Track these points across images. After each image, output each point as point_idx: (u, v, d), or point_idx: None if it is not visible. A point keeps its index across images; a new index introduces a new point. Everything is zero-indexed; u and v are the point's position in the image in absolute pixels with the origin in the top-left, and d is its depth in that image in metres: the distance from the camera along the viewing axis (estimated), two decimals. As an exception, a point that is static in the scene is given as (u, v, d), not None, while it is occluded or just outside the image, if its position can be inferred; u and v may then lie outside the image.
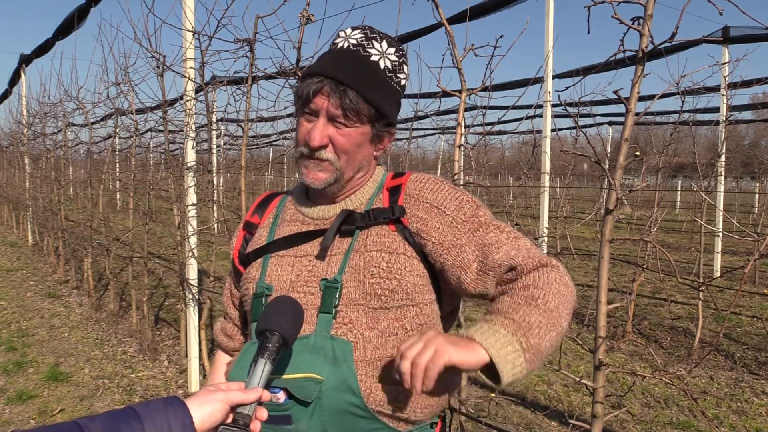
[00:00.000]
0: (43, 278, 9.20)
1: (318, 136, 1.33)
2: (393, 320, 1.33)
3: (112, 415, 0.91)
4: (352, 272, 1.33)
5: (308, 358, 1.26)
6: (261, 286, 1.41)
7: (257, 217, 1.59)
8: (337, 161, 1.36)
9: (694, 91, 5.36)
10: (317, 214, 1.45)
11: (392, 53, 1.40)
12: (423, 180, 1.43)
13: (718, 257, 8.38)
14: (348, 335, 1.30)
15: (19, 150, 12.86)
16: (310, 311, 1.33)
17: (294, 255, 1.42)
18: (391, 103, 1.40)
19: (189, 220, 4.54)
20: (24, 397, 4.59)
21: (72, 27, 7.97)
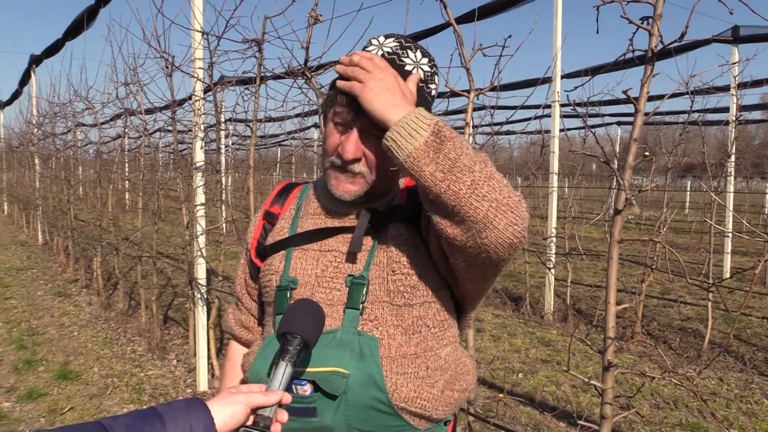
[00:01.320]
0: (53, 277, 9.26)
1: (352, 149, 1.30)
2: (417, 318, 1.34)
3: (135, 416, 0.92)
4: (377, 269, 1.34)
5: (335, 353, 1.27)
6: (285, 279, 1.41)
7: (277, 206, 1.57)
8: (369, 175, 1.34)
9: (704, 91, 5.34)
10: (342, 209, 1.43)
11: (426, 63, 1.37)
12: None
13: (727, 258, 8.33)
14: (374, 332, 1.31)
15: (29, 150, 12.94)
16: (335, 306, 1.34)
17: (318, 249, 1.41)
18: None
19: (198, 220, 4.56)
20: (34, 396, 4.62)
21: (81, 27, 8.02)
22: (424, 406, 1.30)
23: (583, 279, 9.37)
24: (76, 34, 8.55)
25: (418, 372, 1.32)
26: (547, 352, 5.81)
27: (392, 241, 1.36)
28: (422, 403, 1.30)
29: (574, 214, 9.68)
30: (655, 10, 1.65)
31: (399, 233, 1.36)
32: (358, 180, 1.34)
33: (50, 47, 9.95)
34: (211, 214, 4.98)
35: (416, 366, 1.32)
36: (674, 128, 9.56)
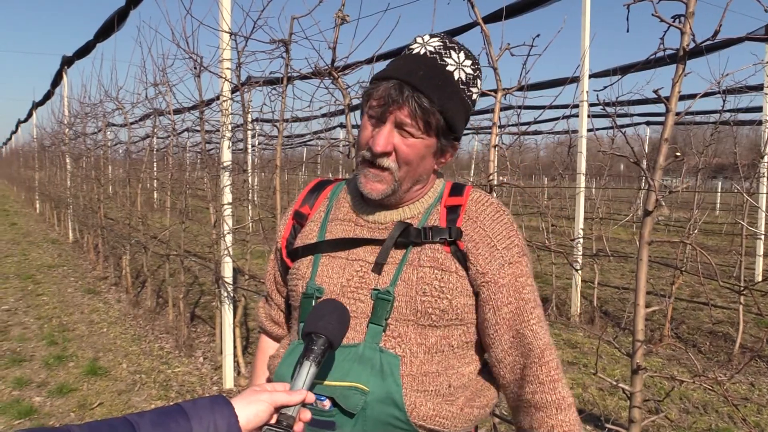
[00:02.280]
0: (83, 275, 9.41)
1: (383, 142, 1.29)
2: (441, 338, 1.32)
3: (160, 412, 0.93)
4: (404, 286, 1.31)
5: (356, 368, 1.26)
6: (312, 286, 1.39)
7: (307, 207, 1.55)
8: (397, 171, 1.32)
9: (736, 90, 5.24)
10: (372, 218, 1.42)
11: (468, 65, 1.35)
12: (485, 202, 1.40)
13: (760, 260, 8.16)
14: (396, 349, 1.29)
15: (61, 149, 13.17)
16: (359, 319, 1.32)
17: (346, 258, 1.39)
18: (461, 118, 1.35)
19: (224, 219, 4.60)
20: (64, 391, 4.71)
21: (112, 29, 8.14)
22: (442, 424, 1.29)
23: (610, 281, 9.26)
24: (107, 35, 8.68)
25: (439, 390, 1.31)
26: (574, 355, 5.75)
27: (427, 262, 1.32)
28: (441, 421, 1.29)
29: (602, 215, 9.56)
30: (687, 8, 1.62)
31: (435, 255, 1.33)
32: (385, 177, 1.33)
33: (81, 48, 10.11)
34: (237, 213, 5.01)
35: (437, 384, 1.31)
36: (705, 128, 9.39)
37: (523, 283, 1.34)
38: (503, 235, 1.36)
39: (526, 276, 1.35)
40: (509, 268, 1.33)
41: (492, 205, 1.39)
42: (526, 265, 1.37)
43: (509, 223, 1.38)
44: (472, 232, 1.35)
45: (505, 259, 1.34)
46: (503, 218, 1.38)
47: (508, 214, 1.40)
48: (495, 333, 1.34)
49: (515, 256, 1.35)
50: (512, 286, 1.33)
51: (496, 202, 1.41)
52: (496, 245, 1.34)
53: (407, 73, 1.29)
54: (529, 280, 1.36)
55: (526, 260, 1.37)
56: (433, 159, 1.37)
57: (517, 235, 1.39)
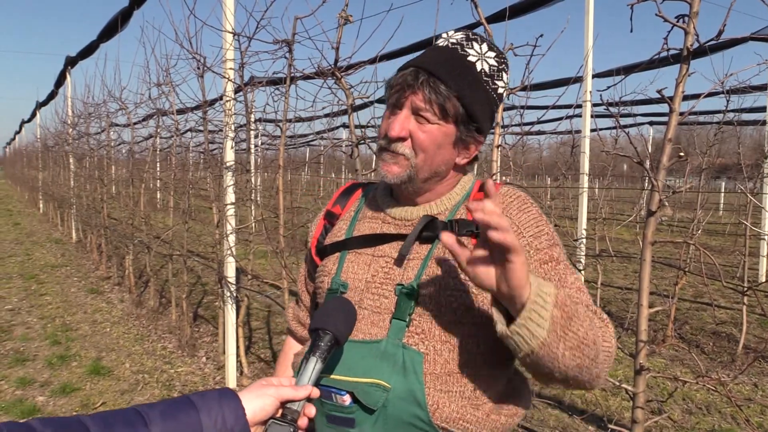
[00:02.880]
0: (86, 274, 9.43)
1: (397, 127, 1.27)
2: (467, 336, 1.27)
3: (169, 404, 0.95)
4: (429, 281, 1.28)
5: (378, 364, 1.24)
6: (336, 282, 1.38)
7: (339, 207, 1.54)
8: (414, 158, 1.29)
9: (740, 90, 5.23)
10: (399, 214, 1.39)
11: (492, 57, 1.31)
12: (512, 195, 1.36)
13: (763, 261, 8.13)
14: (419, 346, 1.25)
15: (64, 149, 13.20)
16: (382, 315, 1.30)
17: (371, 254, 1.37)
18: (483, 108, 1.31)
19: (227, 219, 4.60)
20: (67, 390, 4.72)
21: (115, 29, 8.14)
22: (466, 428, 1.24)
23: (614, 281, 9.24)
24: (111, 35, 8.68)
25: (463, 392, 1.26)
26: (577, 355, 5.74)
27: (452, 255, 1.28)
28: (465, 425, 1.24)
29: (605, 215, 9.55)
30: (691, 8, 1.62)
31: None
32: (401, 161, 1.30)
33: (85, 49, 10.12)
34: (240, 213, 5.02)
35: (462, 385, 1.26)
36: (708, 128, 9.38)
37: (551, 267, 1.27)
38: (530, 224, 1.31)
39: (556, 262, 1.28)
40: (536, 254, 1.28)
41: (519, 198, 1.35)
42: (558, 254, 1.30)
43: (537, 214, 1.33)
44: None
45: (532, 246, 1.28)
46: (531, 209, 1.34)
47: (536, 207, 1.35)
48: None
49: (543, 243, 1.29)
50: (538, 273, 1.26)
51: (524, 195, 1.37)
52: (523, 233, 1.29)
53: (425, 61, 1.28)
54: (560, 267, 1.28)
55: (558, 250, 1.30)
56: (454, 150, 1.32)
57: (547, 225, 1.33)
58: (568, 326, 1.09)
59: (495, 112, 1.37)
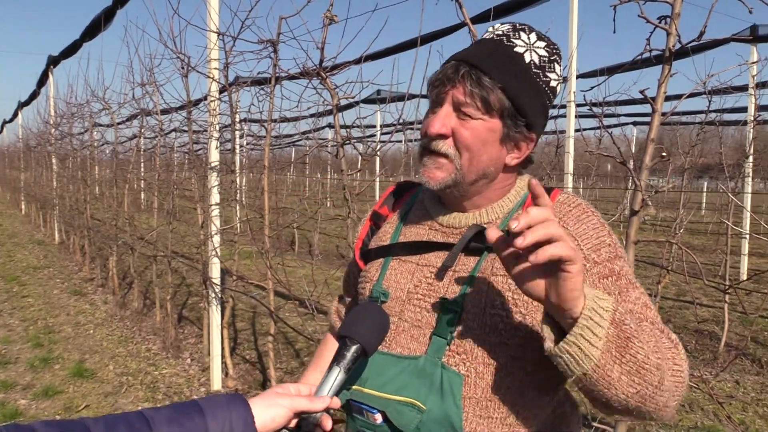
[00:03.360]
0: (69, 276, 9.34)
1: (437, 124, 1.17)
2: (512, 358, 1.15)
3: (176, 408, 0.92)
4: (474, 296, 1.17)
5: (414, 382, 1.15)
6: (377, 290, 1.29)
7: (386, 208, 1.44)
8: (458, 158, 1.18)
9: (722, 91, 5.28)
10: (447, 220, 1.29)
11: (542, 47, 1.20)
12: (571, 203, 1.23)
13: (744, 259, 8.24)
14: (460, 367, 1.15)
15: (47, 150, 13.07)
16: (423, 329, 1.21)
17: (416, 263, 1.28)
18: (533, 102, 1.19)
19: (212, 220, 4.58)
20: (50, 393, 4.67)
21: (99, 28, 8.08)
22: None
23: (598, 280, 9.30)
24: (94, 35, 8.62)
25: (505, 419, 1.15)
26: (562, 354, 5.77)
27: (501, 270, 1.16)
28: None
29: (589, 214, 9.62)
30: (673, 10, 1.63)
31: None
32: (445, 165, 1.19)
33: (68, 48, 10.03)
34: (225, 213, 5.00)
35: (504, 412, 1.15)
36: (691, 128, 9.47)
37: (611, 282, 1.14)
38: (590, 235, 1.18)
39: (617, 276, 1.15)
40: (595, 269, 1.15)
41: (579, 206, 1.23)
42: (620, 268, 1.16)
43: (598, 224, 1.21)
44: None
45: (590, 259, 1.15)
46: (591, 218, 1.21)
47: (598, 216, 1.23)
48: None
49: (604, 256, 1.16)
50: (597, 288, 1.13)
51: (585, 203, 1.25)
52: (581, 246, 1.16)
53: (467, 54, 1.19)
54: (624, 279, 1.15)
55: (620, 264, 1.17)
56: (502, 147, 1.21)
57: (610, 235, 1.20)
58: (626, 347, 0.97)
59: (548, 106, 1.25)
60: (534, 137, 1.23)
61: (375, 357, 1.20)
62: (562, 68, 1.25)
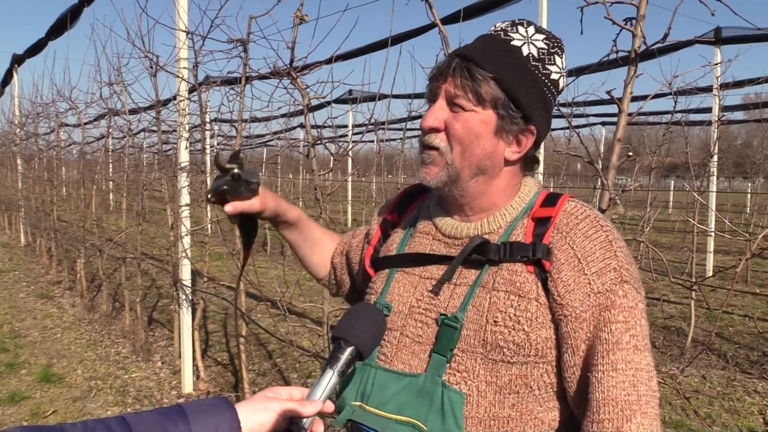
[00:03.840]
0: (36, 279, 9.16)
1: (430, 118, 1.16)
2: (516, 376, 1.11)
3: (159, 413, 0.89)
4: (475, 312, 1.14)
5: (414, 402, 1.12)
6: (381, 303, 1.26)
7: (396, 215, 1.42)
8: (449, 152, 1.16)
9: (687, 92, 5.39)
10: (449, 230, 1.25)
11: (540, 39, 1.18)
12: (579, 215, 1.17)
13: (710, 257, 8.42)
14: (461, 385, 1.11)
15: (12, 150, 12.80)
16: (424, 346, 1.17)
17: (419, 275, 1.25)
18: (530, 93, 1.16)
19: (182, 221, 4.53)
20: (16, 399, 4.57)
21: (65, 27, 7.94)
22: None
23: (568, 278, 9.41)
24: (60, 33, 8.46)
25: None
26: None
27: (502, 285, 1.13)
28: None
29: (559, 213, 9.73)
30: (639, 12, 1.66)
31: (512, 278, 1.13)
32: (436, 158, 1.17)
33: (33, 46, 9.84)
34: (196, 214, 4.95)
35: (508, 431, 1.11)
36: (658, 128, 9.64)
37: (608, 319, 1.08)
38: (596, 256, 1.11)
39: (618, 310, 1.08)
40: (595, 299, 1.09)
41: (587, 219, 1.16)
42: (623, 296, 1.09)
43: (607, 243, 1.13)
44: (557, 251, 1.13)
45: (592, 287, 1.09)
46: (600, 235, 1.13)
47: (607, 231, 1.15)
48: (572, 377, 1.11)
49: (608, 284, 1.10)
50: (594, 321, 1.09)
51: (595, 215, 1.17)
52: (584, 269, 1.10)
53: (463, 49, 1.18)
54: (622, 315, 1.08)
55: (625, 290, 1.10)
56: (498, 140, 1.17)
57: (617, 258, 1.12)
58: None
59: (549, 99, 1.21)
60: (533, 130, 1.19)
61: (377, 373, 1.19)
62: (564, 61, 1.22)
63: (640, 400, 1.05)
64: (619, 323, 1.08)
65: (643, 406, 1.05)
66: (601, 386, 1.05)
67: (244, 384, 4.20)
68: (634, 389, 1.05)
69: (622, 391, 1.04)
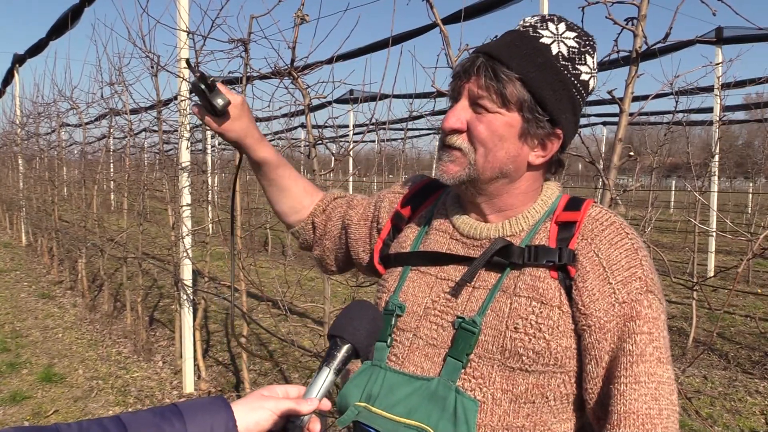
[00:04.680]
0: (37, 279, 9.17)
1: (452, 118, 1.11)
2: (533, 386, 1.08)
3: (154, 412, 0.89)
4: (494, 317, 1.10)
5: (425, 406, 1.08)
6: (393, 303, 1.22)
7: (409, 209, 1.35)
8: (471, 153, 1.12)
9: (688, 92, 5.38)
10: (468, 230, 1.21)
11: (571, 37, 1.12)
12: (605, 221, 1.14)
13: (711, 257, 8.41)
14: (476, 392, 1.08)
15: (13, 150, 12.82)
16: (438, 349, 1.14)
17: (435, 275, 1.21)
18: (558, 95, 1.11)
19: (183, 221, 4.53)
20: (18, 399, 4.58)
21: (66, 27, 7.94)
22: None
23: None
24: (61, 33, 8.47)
25: None
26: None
27: (524, 290, 1.10)
28: None
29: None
30: (640, 11, 1.66)
31: (536, 284, 1.10)
32: (458, 159, 1.13)
33: (34, 46, 9.85)
34: (197, 214, 4.95)
35: None
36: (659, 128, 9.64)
37: (633, 330, 1.06)
38: (622, 264, 1.09)
39: (643, 320, 1.06)
40: (620, 309, 1.06)
41: (613, 226, 1.13)
42: (648, 306, 1.07)
43: (633, 251, 1.11)
44: (582, 258, 1.10)
45: (617, 297, 1.07)
46: (625, 243, 1.11)
47: (633, 239, 1.12)
48: (594, 388, 1.09)
49: (633, 293, 1.07)
50: (618, 331, 1.06)
51: (620, 222, 1.15)
52: (609, 278, 1.08)
53: (488, 45, 1.13)
54: (647, 326, 1.06)
55: (649, 300, 1.08)
56: (522, 144, 1.13)
57: (642, 267, 1.10)
58: None
59: (578, 101, 1.16)
60: (560, 134, 1.15)
61: (387, 374, 1.16)
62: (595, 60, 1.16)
63: (662, 414, 1.04)
64: (644, 334, 1.06)
65: (664, 420, 1.04)
66: (623, 399, 1.03)
67: (246, 384, 4.20)
68: (655, 403, 1.03)
69: (643, 405, 1.03)
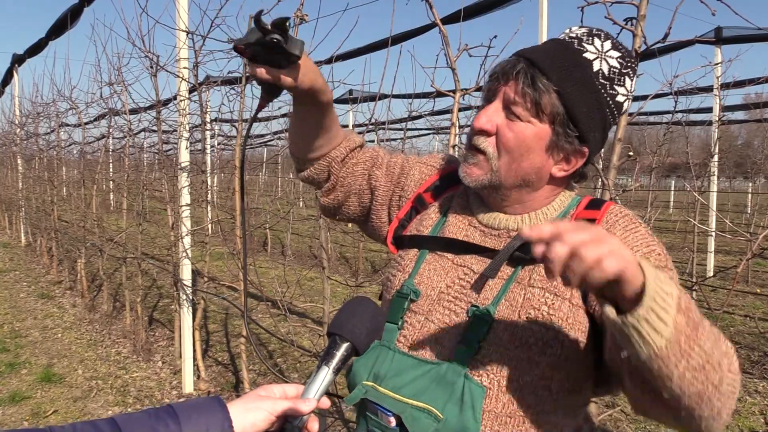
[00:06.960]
0: (36, 279, 9.16)
1: (483, 119, 1.11)
2: (539, 377, 1.10)
3: (149, 413, 0.89)
4: (507, 307, 1.12)
5: (433, 389, 1.10)
6: (409, 286, 1.22)
7: (431, 194, 1.35)
8: (495, 159, 1.13)
9: (687, 92, 5.38)
10: (487, 219, 1.22)
11: (615, 57, 1.12)
12: (618, 214, 1.16)
13: (711, 257, 8.41)
14: (483, 378, 1.10)
15: (12, 150, 12.81)
16: (449, 334, 1.15)
17: (452, 260, 1.22)
18: (590, 114, 1.11)
19: (183, 221, 4.53)
20: (17, 399, 4.57)
21: (65, 27, 7.94)
22: None
23: (569, 278, 9.40)
24: (60, 33, 8.46)
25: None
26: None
27: (539, 282, 1.12)
28: None
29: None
30: (639, 11, 1.66)
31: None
32: (481, 162, 1.14)
33: (33, 46, 9.84)
34: (196, 214, 4.95)
35: (523, 430, 1.10)
36: (658, 128, 9.65)
37: None
38: (639, 243, 1.12)
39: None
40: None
41: (626, 217, 1.16)
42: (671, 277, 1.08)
43: (648, 236, 1.14)
44: None
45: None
46: (639, 229, 1.15)
47: (644, 226, 1.17)
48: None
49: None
50: None
51: (633, 215, 1.18)
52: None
53: (532, 50, 1.12)
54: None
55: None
56: (548, 157, 1.14)
57: (660, 245, 1.14)
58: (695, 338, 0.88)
59: (609, 122, 1.16)
60: (586, 151, 1.15)
61: (395, 356, 1.17)
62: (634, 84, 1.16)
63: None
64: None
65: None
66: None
67: (245, 384, 4.20)
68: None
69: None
